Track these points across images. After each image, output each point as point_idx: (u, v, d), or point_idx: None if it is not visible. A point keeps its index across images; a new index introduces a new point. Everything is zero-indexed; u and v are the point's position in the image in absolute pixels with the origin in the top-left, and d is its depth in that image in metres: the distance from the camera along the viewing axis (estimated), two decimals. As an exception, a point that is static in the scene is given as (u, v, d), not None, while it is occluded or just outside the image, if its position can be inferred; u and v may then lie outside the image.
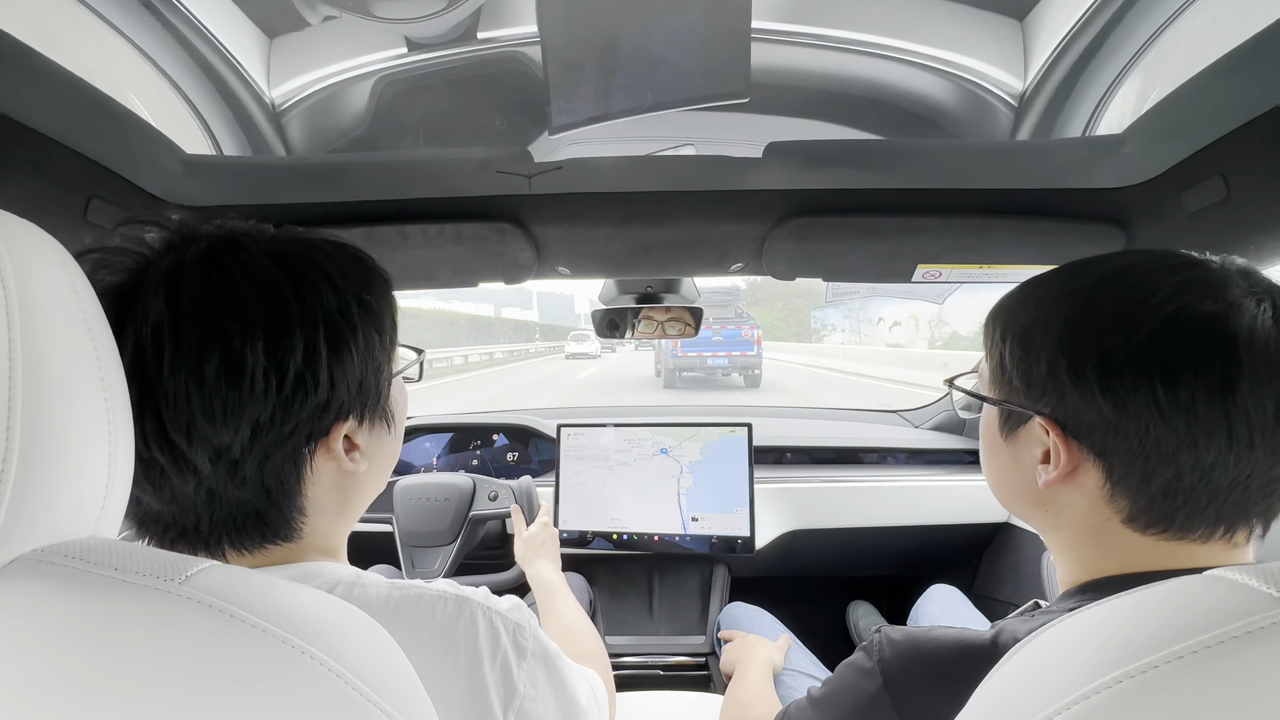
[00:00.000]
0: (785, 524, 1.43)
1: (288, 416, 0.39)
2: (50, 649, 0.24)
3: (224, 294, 0.37)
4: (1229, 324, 0.38)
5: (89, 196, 0.69)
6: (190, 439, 0.36)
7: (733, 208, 0.84)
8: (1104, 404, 0.41)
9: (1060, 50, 0.68)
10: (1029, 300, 0.48)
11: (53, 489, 0.27)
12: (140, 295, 0.37)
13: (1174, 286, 0.41)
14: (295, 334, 0.38)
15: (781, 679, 0.96)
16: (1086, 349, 0.42)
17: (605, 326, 1.31)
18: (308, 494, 0.43)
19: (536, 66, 0.71)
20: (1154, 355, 0.40)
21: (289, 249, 0.41)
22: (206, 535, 0.40)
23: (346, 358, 0.41)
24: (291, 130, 0.81)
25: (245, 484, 0.39)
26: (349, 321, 0.41)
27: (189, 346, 0.36)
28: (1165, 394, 0.39)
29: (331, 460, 0.43)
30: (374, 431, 0.46)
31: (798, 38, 0.74)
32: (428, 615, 0.43)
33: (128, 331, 0.36)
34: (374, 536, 1.18)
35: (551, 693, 0.48)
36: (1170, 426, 0.39)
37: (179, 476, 0.37)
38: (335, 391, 0.40)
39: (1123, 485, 0.43)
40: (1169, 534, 0.42)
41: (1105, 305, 0.43)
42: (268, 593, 0.28)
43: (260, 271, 0.38)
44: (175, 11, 0.65)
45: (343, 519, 0.47)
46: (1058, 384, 0.44)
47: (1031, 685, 0.29)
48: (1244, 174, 0.66)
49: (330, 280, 0.41)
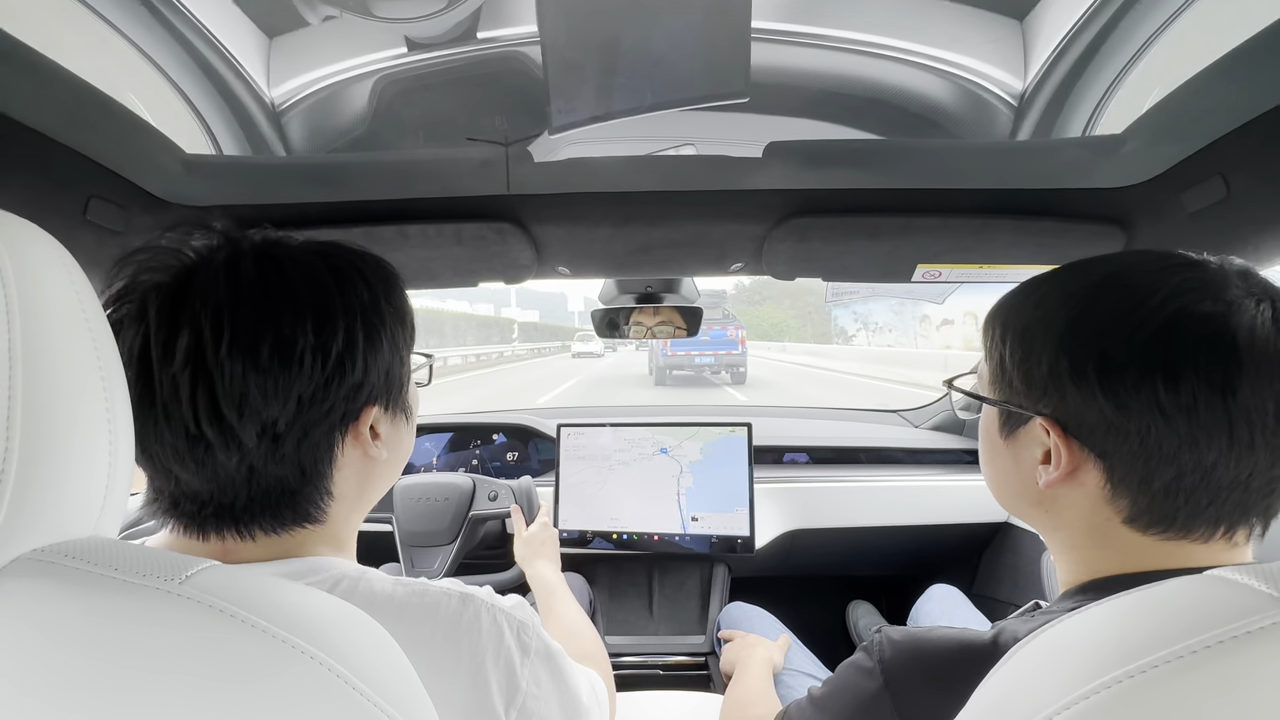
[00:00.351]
0: (785, 524, 1.43)
1: (327, 395, 0.42)
2: (50, 649, 0.24)
3: (277, 282, 0.41)
4: (1229, 324, 0.39)
5: (89, 196, 0.69)
6: (242, 414, 0.39)
7: (732, 207, 0.84)
8: (1105, 404, 0.41)
9: (1060, 50, 0.68)
10: (1029, 301, 0.48)
11: (53, 489, 0.27)
12: (197, 284, 0.40)
13: (1174, 287, 0.41)
14: (338, 320, 0.42)
15: (781, 679, 0.96)
16: (1088, 350, 0.42)
17: (605, 326, 1.31)
18: (335, 478, 0.45)
19: (536, 66, 0.71)
20: (1155, 356, 0.40)
21: (326, 248, 0.45)
22: (241, 512, 0.42)
23: (378, 346, 0.45)
24: (291, 130, 0.81)
25: (284, 461, 0.42)
26: (379, 314, 0.45)
27: (246, 328, 0.39)
28: (1167, 394, 0.39)
29: (358, 447, 0.46)
30: (395, 422, 0.49)
31: (798, 38, 0.74)
32: (432, 612, 0.43)
33: (183, 319, 0.38)
34: (374, 536, 1.18)
35: (554, 691, 0.48)
36: (1172, 427, 0.39)
37: (224, 451, 0.40)
38: (368, 375, 0.44)
39: (1124, 485, 0.43)
40: (1170, 534, 0.42)
41: (1106, 306, 0.43)
42: (267, 592, 0.29)
43: (308, 265, 0.43)
44: (175, 11, 0.65)
45: (358, 509, 0.50)
46: (1059, 384, 0.44)
47: (1031, 685, 0.29)
48: (1244, 174, 0.66)
49: (364, 277, 0.45)
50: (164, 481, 0.41)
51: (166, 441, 0.39)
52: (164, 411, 0.38)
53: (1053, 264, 0.50)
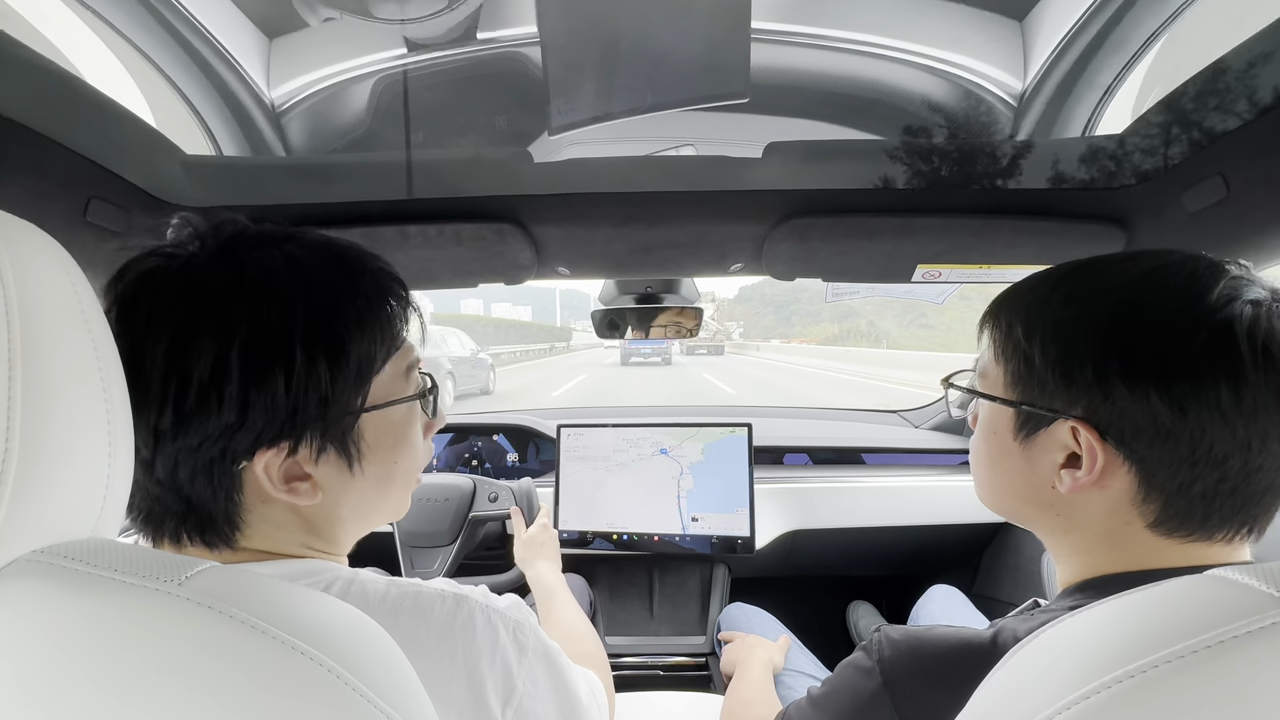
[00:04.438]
0: (785, 524, 1.43)
1: (189, 430, 0.36)
2: (50, 650, 0.24)
3: (150, 294, 0.37)
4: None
5: (89, 196, 0.69)
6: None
7: (732, 208, 0.84)
8: (1161, 407, 0.40)
9: (1060, 50, 0.68)
10: (1056, 295, 0.46)
11: (52, 489, 0.27)
12: (146, 286, 0.38)
13: (1223, 289, 0.40)
14: (204, 344, 0.36)
15: (781, 679, 0.96)
16: (1140, 350, 0.40)
17: (605, 326, 1.31)
18: (247, 512, 0.41)
19: (536, 66, 0.71)
20: (1218, 359, 0.39)
21: (305, 250, 0.40)
22: (159, 523, 0.40)
23: (271, 382, 0.37)
24: (291, 130, 0.81)
25: (160, 485, 0.38)
26: (284, 344, 0.37)
27: (126, 335, 0.35)
28: (1229, 397, 0.38)
29: (269, 486, 0.40)
30: (334, 465, 0.42)
31: (798, 38, 0.74)
32: (425, 613, 0.43)
33: (131, 322, 0.37)
34: (374, 536, 1.18)
35: (551, 690, 0.48)
36: (1231, 430, 0.39)
37: None
38: (250, 415, 0.37)
39: (1159, 489, 0.42)
40: (1193, 537, 0.42)
41: (1156, 306, 0.41)
42: (267, 594, 0.28)
43: (201, 278, 0.38)
44: (175, 12, 0.65)
45: (321, 538, 0.45)
46: (1105, 386, 0.42)
47: (1031, 685, 0.29)
48: (1244, 174, 0.66)
49: (280, 295, 0.38)
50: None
51: None
52: None
53: (1053, 264, 0.49)
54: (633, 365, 23.54)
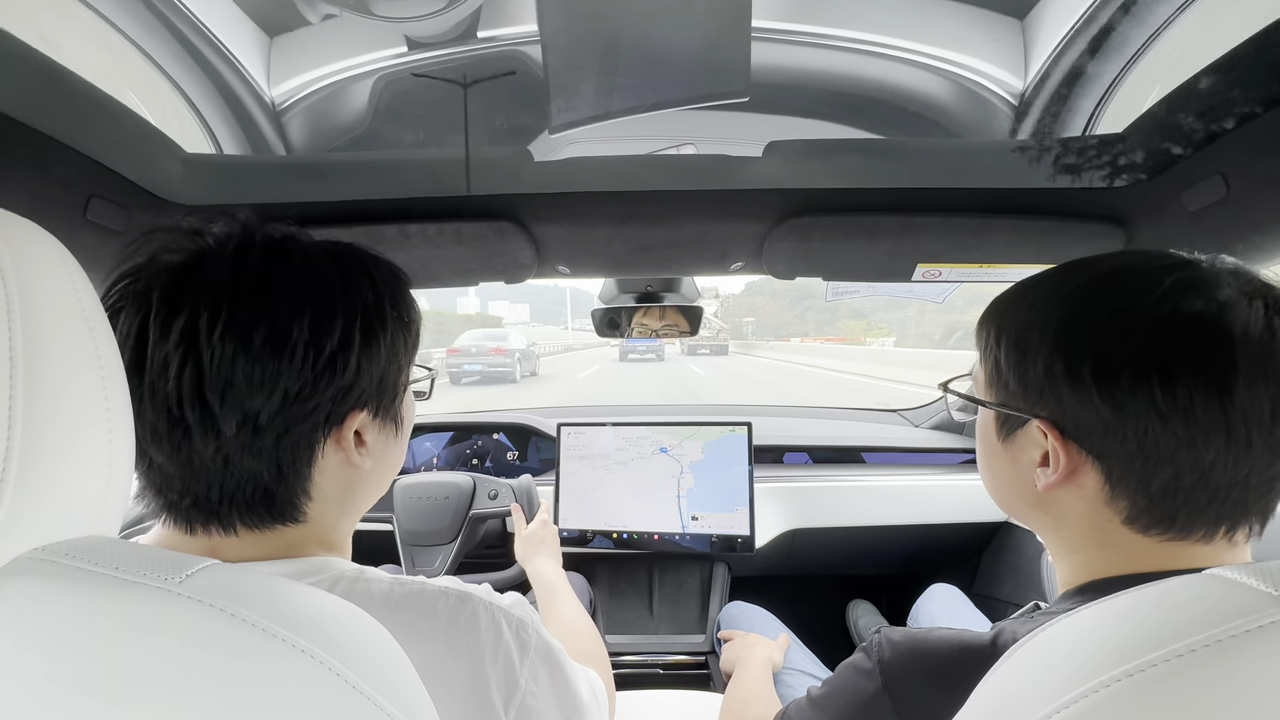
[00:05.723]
0: (785, 523, 1.43)
1: (315, 392, 0.41)
2: (50, 648, 0.24)
3: (282, 274, 0.41)
4: (1223, 323, 0.38)
5: (89, 196, 0.69)
6: (224, 400, 0.39)
7: (732, 207, 0.84)
8: (1102, 406, 0.41)
9: (1060, 50, 0.68)
10: (1023, 303, 0.48)
11: (53, 488, 0.27)
12: (205, 269, 0.40)
13: (1168, 287, 0.41)
14: (336, 318, 0.42)
15: (781, 678, 0.96)
16: (1082, 351, 0.42)
17: (605, 326, 1.31)
18: (315, 480, 0.44)
19: (536, 66, 0.71)
20: (1151, 357, 0.39)
21: (338, 248, 0.45)
22: (217, 505, 0.41)
23: (375, 350, 0.44)
24: (292, 129, 0.81)
25: (261, 454, 0.41)
26: (381, 319, 0.45)
27: (242, 315, 0.39)
28: (1163, 395, 0.39)
29: (340, 451, 0.45)
30: (383, 432, 0.48)
31: (798, 37, 0.74)
32: (429, 610, 0.43)
33: (184, 300, 0.39)
34: (375, 536, 1.19)
35: (553, 689, 0.48)
36: (1169, 428, 0.39)
37: (201, 437, 0.39)
38: (359, 379, 0.44)
39: (1122, 486, 0.43)
40: (1170, 535, 0.42)
41: (1101, 308, 0.42)
42: (267, 592, 0.29)
43: (316, 261, 0.43)
44: (175, 10, 0.65)
45: (345, 514, 0.48)
46: (1054, 387, 0.44)
47: (1030, 685, 0.29)
48: (1244, 173, 0.66)
49: (371, 279, 0.45)
50: (140, 464, 0.41)
51: (146, 420, 0.38)
52: (150, 389, 0.38)
53: (1052, 264, 0.50)
54: (630, 361, 25.85)
